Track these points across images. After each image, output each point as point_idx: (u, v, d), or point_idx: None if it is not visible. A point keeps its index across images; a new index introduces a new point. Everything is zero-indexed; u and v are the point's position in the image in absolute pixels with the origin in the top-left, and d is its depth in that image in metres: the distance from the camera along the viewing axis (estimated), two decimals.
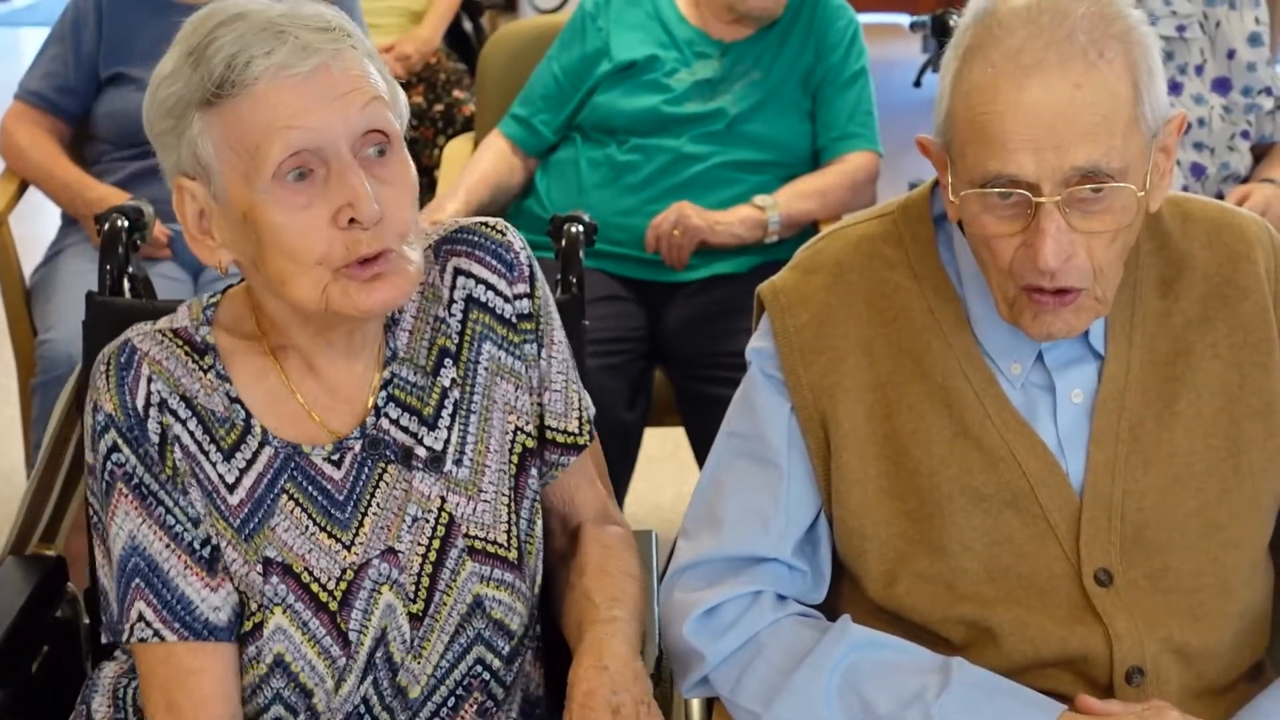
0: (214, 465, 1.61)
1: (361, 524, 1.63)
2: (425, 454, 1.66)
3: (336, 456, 1.64)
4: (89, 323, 2.06)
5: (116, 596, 1.60)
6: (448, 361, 1.68)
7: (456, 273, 1.70)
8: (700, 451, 2.98)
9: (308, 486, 1.62)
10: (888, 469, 1.67)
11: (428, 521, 1.65)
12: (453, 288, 1.70)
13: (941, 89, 1.59)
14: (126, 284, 2.41)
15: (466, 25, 4.98)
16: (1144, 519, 1.64)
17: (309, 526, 1.62)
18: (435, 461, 1.66)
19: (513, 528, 1.68)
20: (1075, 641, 1.63)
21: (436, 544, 1.65)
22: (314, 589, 1.61)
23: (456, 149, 3.57)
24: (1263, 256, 1.69)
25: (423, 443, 1.66)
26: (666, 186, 3.10)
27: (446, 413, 1.67)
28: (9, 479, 3.75)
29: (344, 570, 1.62)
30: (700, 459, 2.88)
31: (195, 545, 1.60)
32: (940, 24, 3.52)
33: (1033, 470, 1.64)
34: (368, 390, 1.66)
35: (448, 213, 3.11)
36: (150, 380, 1.59)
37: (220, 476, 1.61)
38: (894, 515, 1.67)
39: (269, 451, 1.62)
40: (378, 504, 1.64)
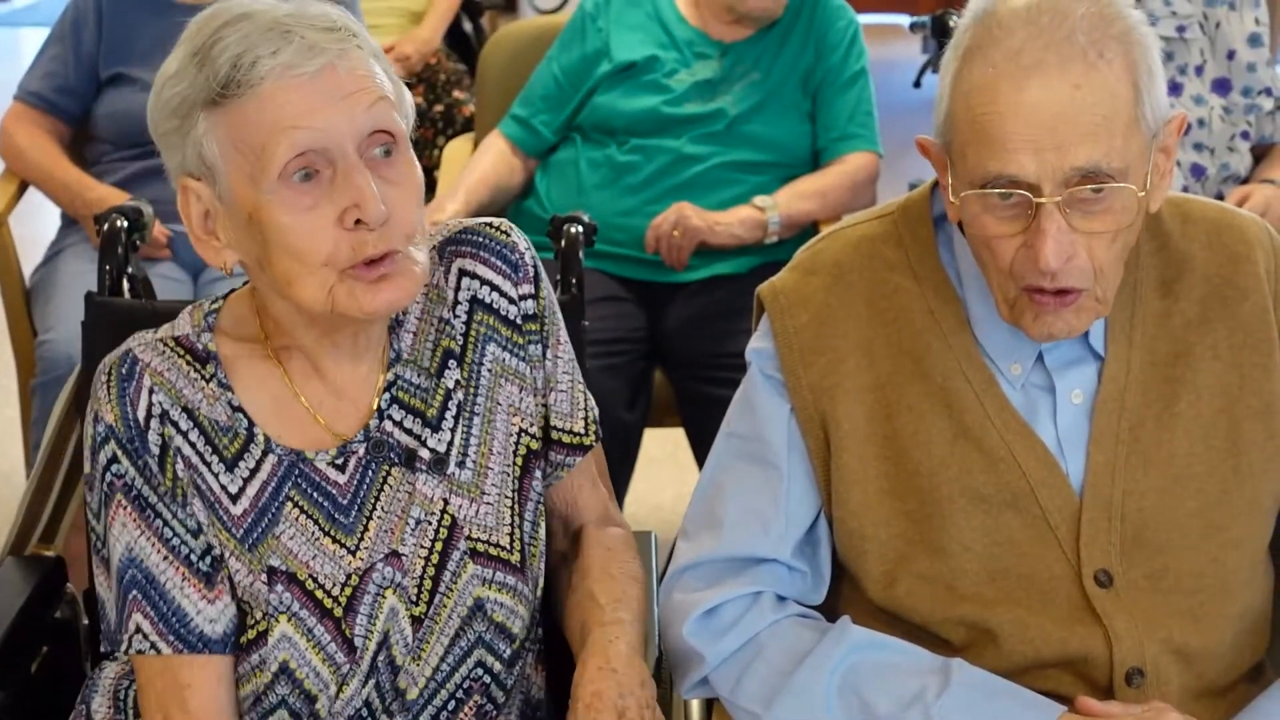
0: (216, 476, 1.60)
1: (366, 528, 1.62)
2: (429, 456, 1.65)
3: (340, 461, 1.63)
4: (88, 323, 2.05)
5: (115, 607, 1.60)
6: (452, 363, 1.68)
7: (461, 274, 1.69)
8: (700, 452, 2.98)
9: (312, 493, 1.62)
10: (888, 470, 1.67)
11: (430, 524, 1.64)
12: (457, 289, 1.69)
13: (941, 90, 1.59)
14: (126, 284, 2.41)
15: (466, 26, 4.98)
16: (1144, 520, 1.64)
17: (314, 533, 1.61)
18: (439, 463, 1.65)
19: (515, 530, 1.67)
20: (1075, 642, 1.63)
21: (439, 547, 1.64)
22: (319, 595, 1.60)
23: (456, 149, 3.57)
24: (1263, 257, 1.69)
25: (426, 445, 1.65)
26: (666, 187, 3.09)
27: (450, 414, 1.66)
28: (9, 479, 3.74)
29: (348, 576, 1.61)
30: (700, 460, 2.88)
31: (192, 558, 1.59)
32: (940, 25, 3.53)
33: (1033, 471, 1.64)
34: (372, 392, 1.65)
35: (447, 213, 3.11)
36: (152, 391, 1.59)
37: (223, 487, 1.60)
38: (894, 516, 1.67)
39: (272, 460, 1.61)
40: (382, 507, 1.63)
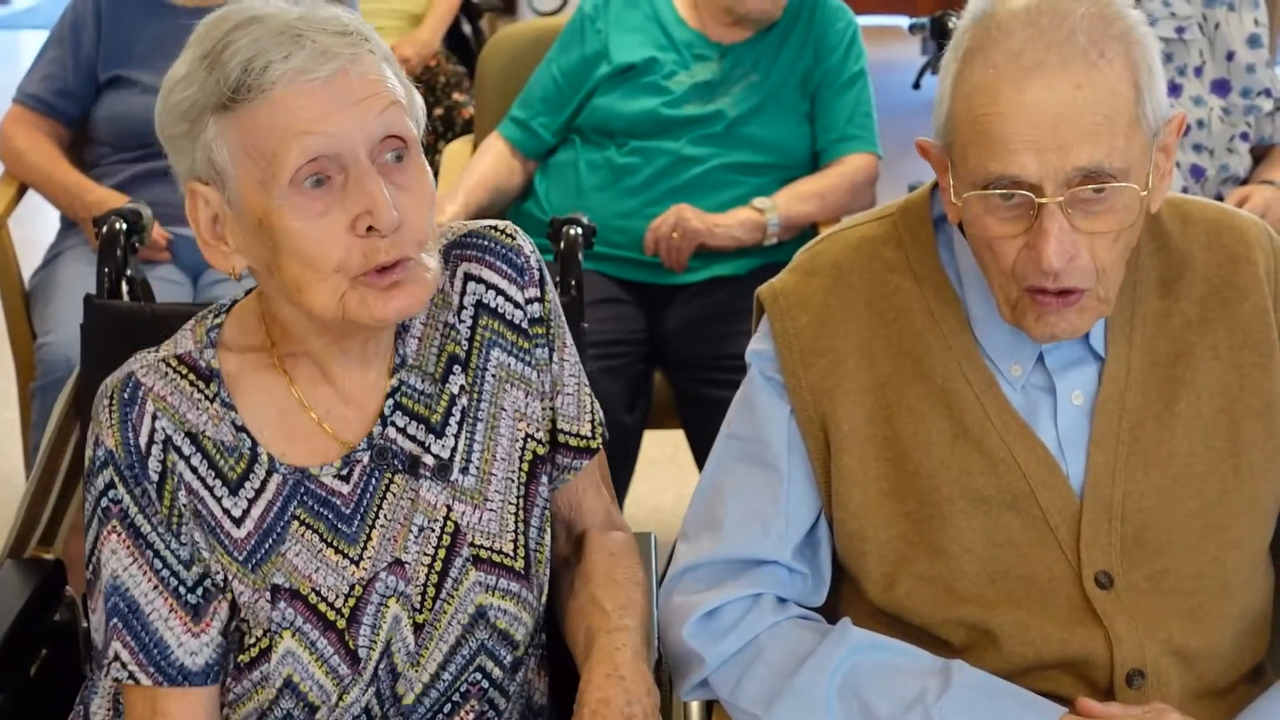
0: (219, 500, 1.59)
1: (369, 537, 1.61)
2: (433, 462, 1.64)
3: (345, 471, 1.62)
4: (87, 325, 2.05)
5: (101, 629, 1.59)
6: (456, 368, 1.66)
7: (467, 278, 1.68)
8: (700, 454, 2.98)
9: (317, 508, 1.60)
10: (888, 471, 1.67)
11: (433, 531, 1.63)
12: (463, 293, 1.68)
13: (941, 91, 1.59)
14: (125, 287, 2.40)
15: (465, 28, 4.98)
16: (1144, 520, 1.64)
17: (318, 546, 1.60)
18: (442, 470, 1.64)
19: (520, 537, 1.67)
20: (1076, 644, 1.63)
21: (442, 554, 1.63)
22: (321, 609, 1.59)
23: (456, 151, 3.57)
24: (1262, 258, 1.69)
25: (430, 451, 1.64)
26: (666, 189, 3.09)
27: (454, 420, 1.65)
28: (8, 482, 3.74)
29: (352, 587, 1.60)
30: (700, 461, 2.88)
31: (181, 590, 1.58)
32: (939, 26, 3.52)
33: (1033, 472, 1.64)
34: (379, 398, 1.64)
35: (447, 215, 3.10)
36: (155, 417, 1.57)
37: (225, 511, 1.59)
38: (894, 517, 1.67)
39: (277, 479, 1.60)
40: (385, 515, 1.62)
